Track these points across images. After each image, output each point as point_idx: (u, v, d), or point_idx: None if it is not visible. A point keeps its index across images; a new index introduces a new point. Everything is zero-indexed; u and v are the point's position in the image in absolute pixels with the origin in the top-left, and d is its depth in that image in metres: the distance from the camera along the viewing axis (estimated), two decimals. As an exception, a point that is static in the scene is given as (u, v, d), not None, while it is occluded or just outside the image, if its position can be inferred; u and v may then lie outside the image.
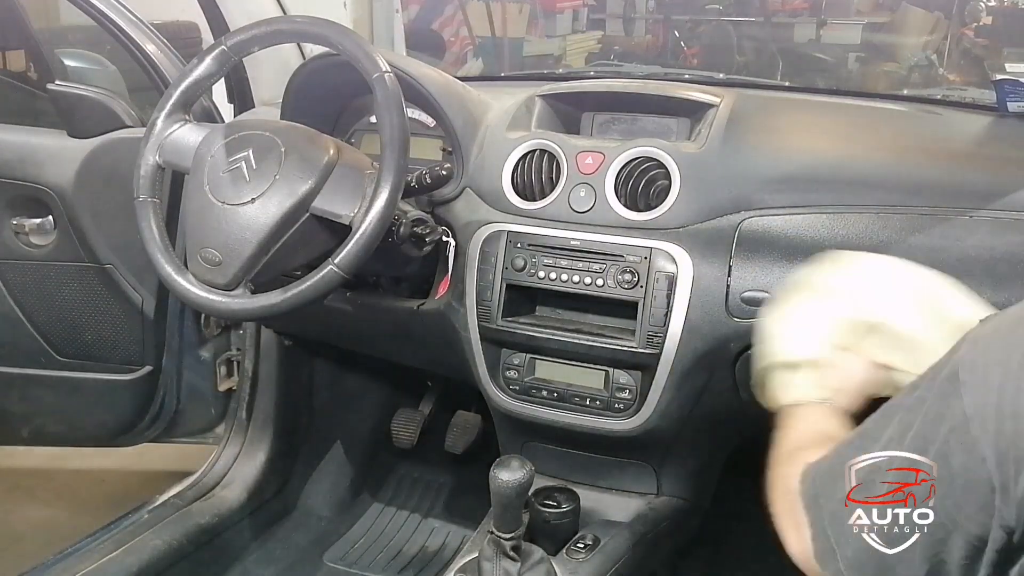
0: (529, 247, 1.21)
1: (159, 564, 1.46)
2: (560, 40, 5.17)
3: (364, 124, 1.43)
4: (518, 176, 1.25)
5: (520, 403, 1.26)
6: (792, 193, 1.14)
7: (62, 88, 1.59)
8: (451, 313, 1.28)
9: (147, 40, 1.58)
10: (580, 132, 1.35)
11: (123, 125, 1.57)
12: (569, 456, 1.34)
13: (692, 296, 1.13)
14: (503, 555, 1.07)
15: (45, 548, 1.50)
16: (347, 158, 1.12)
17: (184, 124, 1.18)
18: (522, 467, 1.05)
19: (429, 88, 1.27)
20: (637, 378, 1.19)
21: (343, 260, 1.04)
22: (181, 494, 1.64)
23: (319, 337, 1.72)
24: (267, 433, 1.74)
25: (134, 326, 1.65)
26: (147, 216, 1.15)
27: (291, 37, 1.24)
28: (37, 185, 1.57)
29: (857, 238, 1.08)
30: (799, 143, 1.27)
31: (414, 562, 1.71)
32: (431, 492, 1.90)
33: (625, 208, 1.18)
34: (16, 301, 1.65)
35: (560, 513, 1.20)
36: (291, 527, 1.76)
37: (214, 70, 1.19)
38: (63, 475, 2.14)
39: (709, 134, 1.20)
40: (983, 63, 4.05)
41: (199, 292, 1.10)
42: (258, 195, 1.07)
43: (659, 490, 1.34)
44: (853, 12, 5.20)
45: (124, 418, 1.73)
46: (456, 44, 4.38)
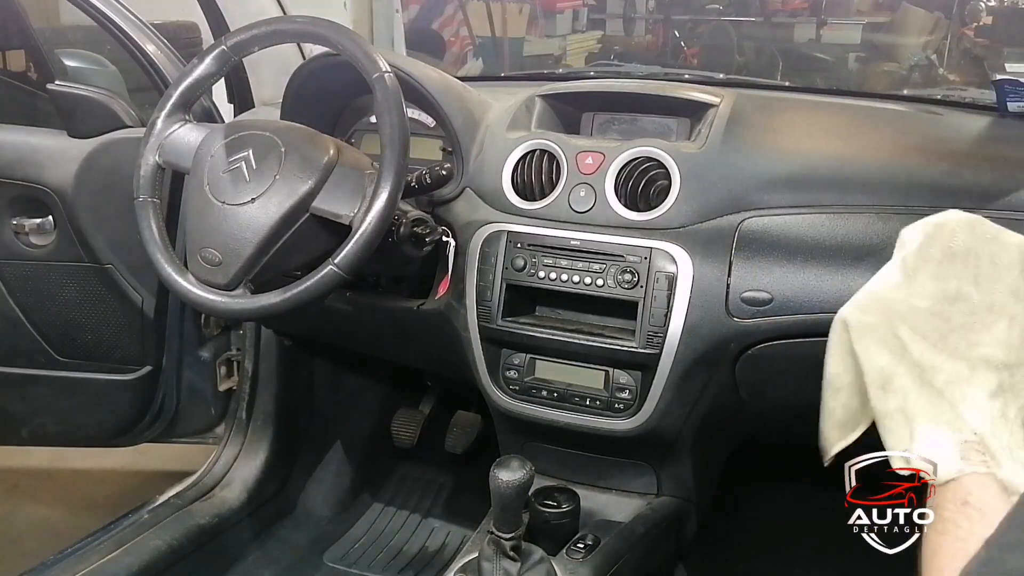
0: (529, 247, 1.21)
1: (159, 564, 1.46)
2: (560, 40, 5.17)
3: (364, 124, 1.43)
4: (518, 176, 1.25)
5: (520, 403, 1.26)
6: (792, 193, 1.14)
7: (62, 88, 1.59)
8: (451, 313, 1.28)
9: (147, 40, 1.58)
10: (580, 132, 1.36)
11: (123, 125, 1.57)
12: (569, 456, 1.34)
13: (692, 296, 1.13)
14: (503, 555, 1.07)
15: (45, 548, 1.50)
16: (347, 158, 1.12)
17: (184, 124, 1.18)
18: (522, 467, 1.05)
19: (429, 88, 1.27)
20: (637, 378, 1.19)
21: (343, 260, 1.04)
22: (181, 494, 1.64)
23: (319, 337, 1.72)
24: (267, 433, 1.74)
25: (134, 326, 1.65)
26: (147, 216, 1.15)
27: (291, 37, 1.24)
28: (37, 185, 1.57)
29: (857, 238, 1.08)
30: (799, 143, 1.27)
31: (414, 562, 1.71)
32: (431, 492, 1.90)
33: (625, 208, 1.18)
34: (16, 301, 1.65)
35: (560, 513, 1.20)
36: (291, 527, 1.76)
37: (214, 70, 1.19)
38: (63, 475, 2.14)
39: (709, 134, 1.20)
40: (983, 63, 4.05)
41: (199, 292, 1.10)
42: (258, 195, 1.07)
43: (659, 490, 1.34)
44: (853, 12, 5.20)
45: (124, 418, 1.72)
46: (456, 44, 4.38)
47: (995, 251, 0.84)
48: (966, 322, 0.81)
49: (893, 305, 0.83)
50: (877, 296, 0.85)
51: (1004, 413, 0.77)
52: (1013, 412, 0.77)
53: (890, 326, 0.82)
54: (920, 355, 0.81)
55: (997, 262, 0.84)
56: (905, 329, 0.82)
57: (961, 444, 0.75)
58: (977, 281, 0.83)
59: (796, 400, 0.96)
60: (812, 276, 1.08)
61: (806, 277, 1.08)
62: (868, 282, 0.87)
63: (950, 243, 0.85)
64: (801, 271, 1.09)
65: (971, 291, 0.82)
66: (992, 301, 0.82)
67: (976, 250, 0.84)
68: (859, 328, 0.85)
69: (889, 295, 0.84)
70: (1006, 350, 0.79)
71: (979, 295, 0.82)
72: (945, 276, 0.83)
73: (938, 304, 0.82)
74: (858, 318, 0.85)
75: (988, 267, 0.83)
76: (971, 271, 0.83)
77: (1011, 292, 0.83)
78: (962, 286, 0.83)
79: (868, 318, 0.84)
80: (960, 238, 0.85)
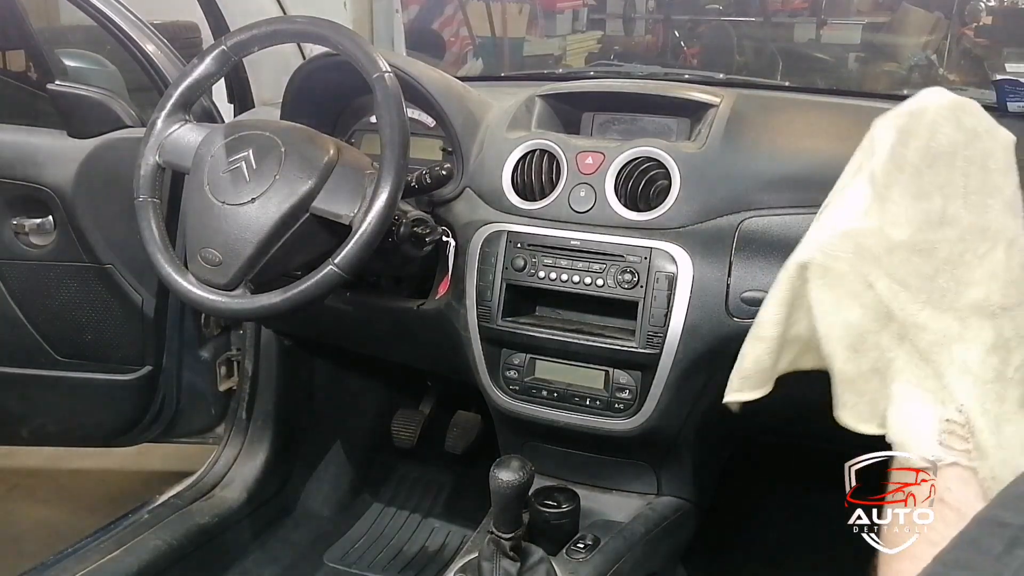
0: (529, 247, 1.21)
1: (159, 564, 1.46)
2: (560, 40, 5.17)
3: (364, 124, 1.43)
4: (518, 176, 1.25)
5: (520, 403, 1.26)
6: (792, 193, 1.14)
7: (62, 88, 1.59)
8: (451, 313, 1.28)
9: (147, 40, 1.58)
10: (580, 132, 1.36)
11: (123, 125, 1.57)
12: (569, 456, 1.34)
13: (692, 296, 1.13)
14: (503, 555, 1.07)
15: (45, 548, 1.50)
16: (347, 158, 1.12)
17: (184, 124, 1.18)
18: (522, 467, 1.05)
19: (429, 88, 1.27)
20: (637, 378, 1.19)
21: (343, 260, 1.04)
22: (181, 494, 1.64)
23: (319, 337, 1.72)
24: (267, 433, 1.74)
25: (134, 326, 1.65)
26: (147, 216, 1.15)
27: (291, 37, 1.24)
28: (37, 185, 1.57)
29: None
30: (799, 143, 1.27)
31: (414, 562, 1.71)
32: (431, 492, 1.90)
33: (625, 208, 1.18)
34: (16, 301, 1.65)
35: (560, 513, 1.20)
36: (291, 527, 1.76)
37: (214, 70, 1.19)
38: (63, 475, 2.14)
39: (709, 134, 1.20)
40: (983, 63, 4.05)
41: (199, 292, 1.10)
42: (258, 195, 1.07)
43: (659, 490, 1.34)
44: (853, 12, 5.20)
45: (124, 418, 1.72)
46: (456, 44, 4.38)
47: (987, 150, 0.68)
48: (954, 254, 0.66)
49: (864, 242, 0.67)
50: (844, 232, 0.68)
51: (1001, 373, 0.64)
52: (1013, 369, 0.64)
53: (861, 273, 0.67)
54: (901, 309, 0.66)
55: (990, 165, 0.67)
56: (880, 275, 0.66)
57: (942, 423, 0.63)
58: (967, 195, 0.66)
59: (795, 400, 0.96)
60: (812, 276, 1.08)
61: (806, 277, 1.08)
62: (832, 210, 0.72)
63: (930, 141, 0.67)
64: None
65: (959, 210, 0.66)
66: (986, 223, 0.66)
67: (964, 150, 0.67)
68: (822, 276, 0.69)
69: (858, 227, 0.68)
70: (1004, 288, 0.65)
71: (969, 215, 0.66)
72: (926, 191, 0.66)
73: (919, 232, 0.66)
74: (821, 263, 0.69)
75: (979, 174, 0.67)
76: (958, 181, 0.66)
77: (1008, 207, 0.66)
78: (948, 204, 0.66)
79: (835, 264, 0.68)
80: (944, 133, 0.67)
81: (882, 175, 0.68)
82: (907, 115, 0.69)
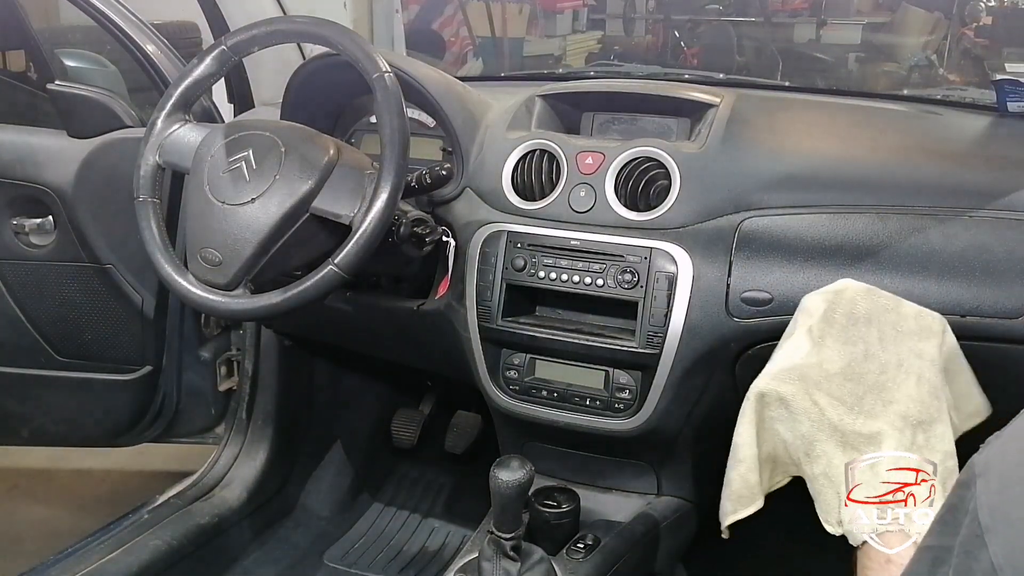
0: (529, 247, 1.21)
1: (159, 564, 1.46)
2: (560, 40, 5.18)
3: (364, 124, 1.43)
4: (518, 176, 1.25)
5: (520, 403, 1.26)
6: (792, 193, 1.14)
7: (62, 88, 1.59)
8: (451, 313, 1.28)
9: (147, 40, 1.58)
10: (580, 132, 1.35)
11: (123, 125, 1.57)
12: (569, 456, 1.34)
13: (692, 296, 1.13)
14: (503, 555, 1.07)
15: (45, 548, 1.50)
16: (347, 158, 1.12)
17: (184, 124, 1.18)
18: (522, 467, 1.05)
19: (429, 88, 1.27)
20: (637, 378, 1.19)
21: (343, 260, 1.04)
22: (181, 494, 1.64)
23: (319, 337, 1.72)
24: (267, 433, 1.74)
25: (134, 326, 1.65)
26: (147, 216, 1.15)
27: (291, 37, 1.24)
28: (37, 185, 1.57)
29: (857, 238, 1.08)
30: (799, 143, 1.27)
31: (414, 562, 1.71)
32: (431, 492, 1.90)
33: (625, 208, 1.18)
34: (16, 301, 1.65)
35: (560, 513, 1.20)
36: (291, 527, 1.76)
37: (214, 70, 1.19)
38: (63, 475, 2.14)
39: (709, 134, 1.20)
40: (983, 63, 4.06)
41: (199, 292, 1.10)
42: (258, 195, 1.07)
43: (659, 490, 1.34)
44: (853, 12, 5.21)
45: (124, 418, 1.72)
46: (456, 44, 4.38)
47: (895, 320, 0.89)
48: (879, 380, 0.85)
49: (807, 372, 0.86)
50: (790, 366, 0.88)
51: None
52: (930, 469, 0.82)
53: (807, 394, 0.86)
54: (839, 420, 0.84)
55: (899, 329, 0.88)
56: (821, 395, 0.85)
57: (879, 505, 0.81)
58: (883, 342, 0.87)
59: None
60: (812, 276, 1.08)
61: (806, 277, 1.08)
62: (777, 354, 0.91)
63: (852, 309, 0.89)
64: (801, 271, 1.09)
65: (878, 351, 0.87)
66: (900, 359, 0.86)
67: (878, 317, 0.88)
68: (776, 399, 0.88)
69: (801, 363, 0.87)
70: (919, 405, 0.84)
71: (886, 354, 0.86)
72: (852, 339, 0.88)
73: (849, 366, 0.86)
74: (774, 389, 0.88)
75: (891, 332, 0.88)
76: (875, 334, 0.88)
77: (915, 354, 0.87)
78: (869, 347, 0.87)
79: (784, 388, 0.87)
80: (861, 305, 0.89)
81: (817, 330, 0.89)
82: (832, 292, 0.91)
